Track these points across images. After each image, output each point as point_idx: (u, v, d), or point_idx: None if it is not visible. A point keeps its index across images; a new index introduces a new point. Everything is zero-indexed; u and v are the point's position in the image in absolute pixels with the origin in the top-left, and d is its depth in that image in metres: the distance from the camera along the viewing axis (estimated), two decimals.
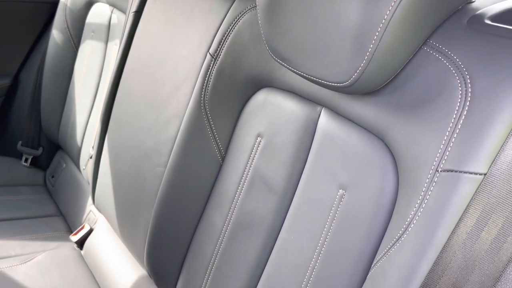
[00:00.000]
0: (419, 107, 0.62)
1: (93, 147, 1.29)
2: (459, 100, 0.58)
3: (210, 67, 0.91)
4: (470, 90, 0.58)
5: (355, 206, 0.70)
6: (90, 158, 1.31)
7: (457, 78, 0.59)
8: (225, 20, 0.91)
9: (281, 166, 0.81)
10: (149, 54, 1.09)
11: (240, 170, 0.88)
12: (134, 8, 1.18)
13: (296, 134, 0.79)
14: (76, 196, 1.47)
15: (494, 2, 0.66)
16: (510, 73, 0.56)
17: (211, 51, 0.92)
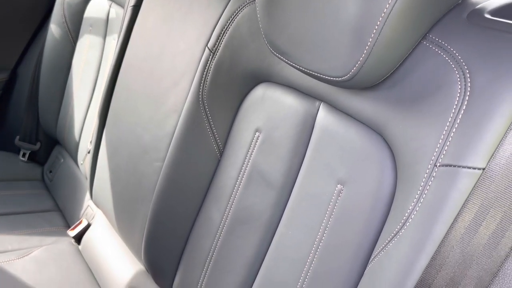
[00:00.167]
0: (418, 102, 0.62)
1: (91, 142, 1.29)
2: (458, 94, 0.58)
3: (209, 62, 0.91)
4: (469, 85, 0.58)
5: (353, 201, 0.69)
6: (88, 153, 1.31)
7: (456, 72, 0.59)
8: (223, 14, 0.91)
9: (279, 161, 0.80)
10: (147, 49, 1.09)
11: (238, 165, 0.87)
12: (132, 2, 1.18)
13: (294, 129, 0.79)
14: (74, 191, 1.47)
15: None
16: (510, 67, 0.56)
17: (210, 45, 0.92)
